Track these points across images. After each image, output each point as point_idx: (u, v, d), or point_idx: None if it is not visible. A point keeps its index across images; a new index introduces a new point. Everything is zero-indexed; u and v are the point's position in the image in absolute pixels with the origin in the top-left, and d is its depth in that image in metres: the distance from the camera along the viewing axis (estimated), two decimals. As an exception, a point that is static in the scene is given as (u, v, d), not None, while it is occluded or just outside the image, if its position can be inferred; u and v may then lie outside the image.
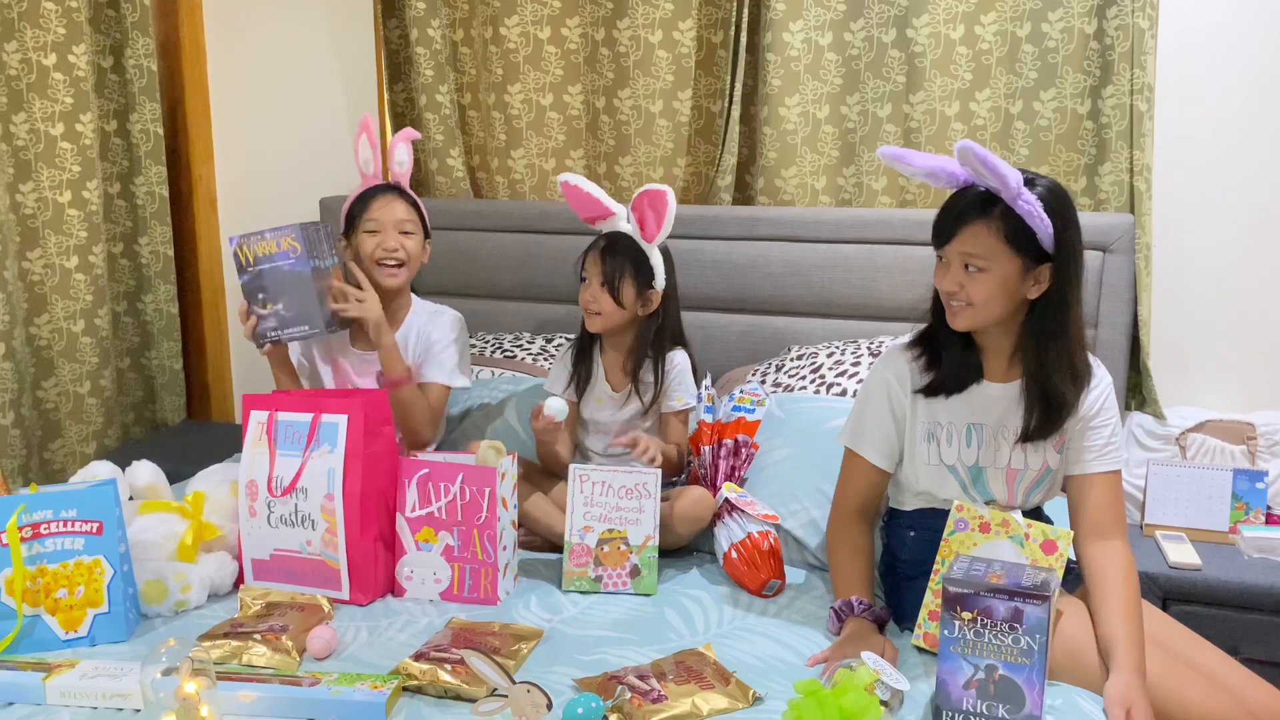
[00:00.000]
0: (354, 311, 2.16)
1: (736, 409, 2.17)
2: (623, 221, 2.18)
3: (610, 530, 1.96)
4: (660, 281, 2.17)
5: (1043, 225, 1.62)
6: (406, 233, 2.24)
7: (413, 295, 2.37)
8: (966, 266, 1.67)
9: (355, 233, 2.25)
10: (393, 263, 2.23)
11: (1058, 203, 1.65)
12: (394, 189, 2.28)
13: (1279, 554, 2.27)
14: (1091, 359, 1.77)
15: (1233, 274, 2.53)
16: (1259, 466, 2.42)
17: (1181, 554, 2.25)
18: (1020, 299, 1.69)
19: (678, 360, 2.21)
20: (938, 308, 1.77)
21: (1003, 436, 1.77)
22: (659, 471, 2.01)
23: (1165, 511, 2.40)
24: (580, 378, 2.23)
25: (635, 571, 1.96)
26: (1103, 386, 1.77)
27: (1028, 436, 1.74)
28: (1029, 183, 1.64)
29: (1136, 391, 2.53)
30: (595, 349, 2.25)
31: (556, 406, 2.01)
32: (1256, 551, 2.28)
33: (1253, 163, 2.48)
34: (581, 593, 1.95)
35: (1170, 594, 2.21)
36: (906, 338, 1.85)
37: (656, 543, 1.97)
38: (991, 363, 1.77)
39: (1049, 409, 1.71)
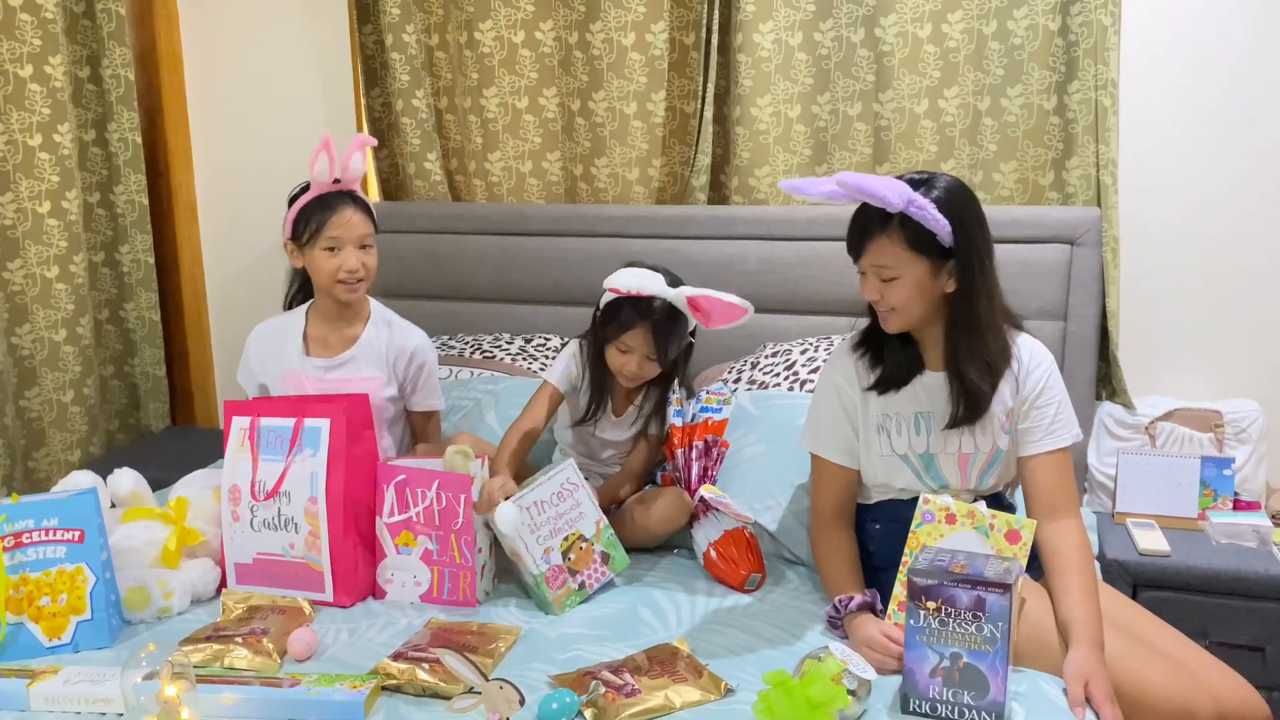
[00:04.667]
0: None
1: (704, 409, 2.19)
2: (667, 289, 2.08)
3: (565, 538, 1.95)
4: (692, 325, 2.17)
5: (939, 226, 1.67)
6: (366, 247, 2.14)
7: (369, 299, 2.29)
8: (879, 279, 1.72)
9: (312, 246, 2.11)
10: (354, 281, 2.14)
11: (953, 202, 1.70)
12: (352, 199, 2.14)
13: (1246, 539, 2.31)
14: (1026, 340, 1.83)
15: (1199, 264, 2.57)
16: (1226, 454, 2.46)
17: (1150, 541, 2.29)
18: (940, 295, 1.75)
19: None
20: (874, 309, 1.82)
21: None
22: (570, 460, 2.02)
23: (1135, 499, 2.44)
24: (594, 408, 2.20)
25: (605, 558, 1.98)
26: (1044, 367, 1.82)
27: (955, 423, 1.79)
28: (925, 184, 1.69)
29: (1106, 382, 2.57)
30: (608, 383, 2.20)
31: (508, 518, 1.90)
32: (1224, 537, 2.33)
33: (1216, 154, 2.52)
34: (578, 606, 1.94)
35: (1140, 580, 2.25)
36: (850, 338, 1.89)
37: (607, 521, 2.00)
38: (929, 353, 1.82)
39: (968, 397, 1.77)
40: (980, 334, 1.75)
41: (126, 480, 1.97)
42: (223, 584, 1.97)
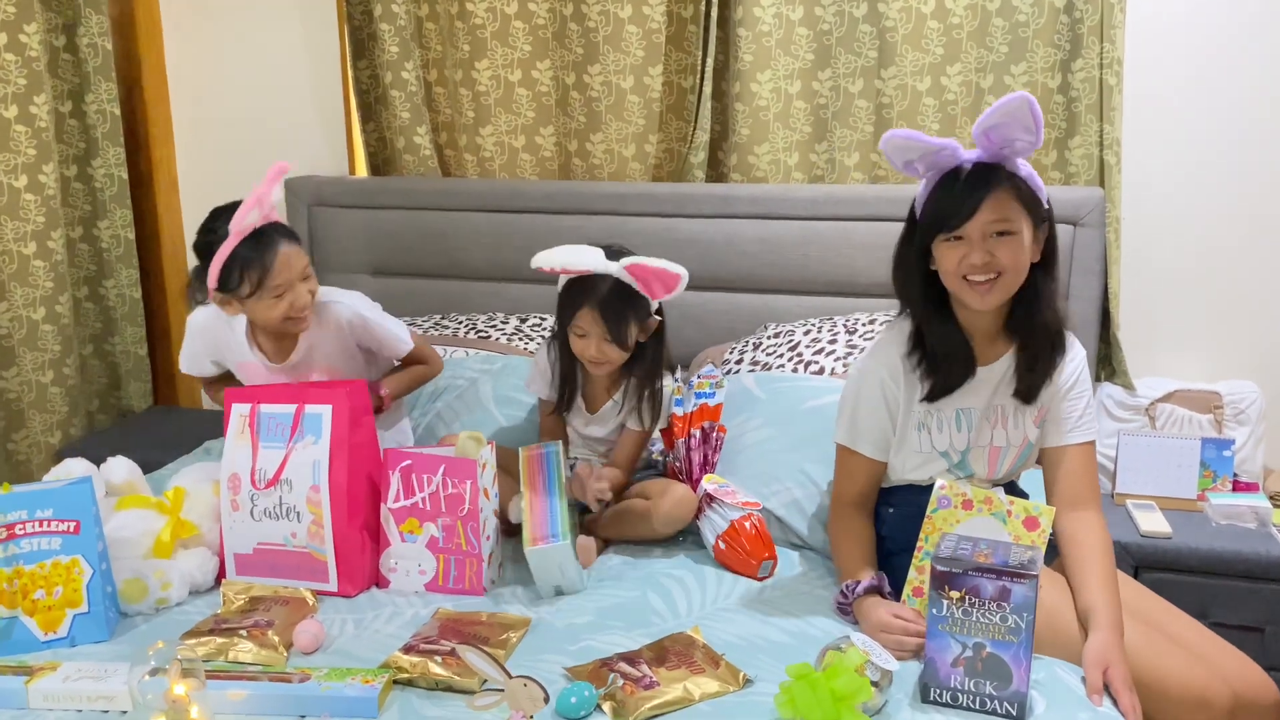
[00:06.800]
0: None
1: (698, 395, 2.13)
2: (602, 263, 2.02)
3: None
4: (655, 305, 2.09)
5: (1041, 188, 1.67)
6: (306, 277, 2.01)
7: None
8: (994, 235, 1.66)
9: (258, 298, 1.96)
10: (306, 315, 2.03)
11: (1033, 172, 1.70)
12: (281, 234, 1.97)
13: (1245, 520, 2.32)
14: (1066, 333, 1.80)
15: (1200, 246, 2.57)
16: (1226, 435, 2.47)
17: (1152, 523, 2.29)
18: (1028, 266, 1.70)
19: (664, 390, 2.15)
20: (930, 302, 1.75)
21: (987, 418, 1.79)
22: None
23: (1135, 481, 2.44)
24: (565, 399, 2.16)
25: None
26: (1079, 360, 1.81)
27: (1029, 396, 1.77)
28: None
29: (1107, 363, 2.57)
30: (577, 372, 2.16)
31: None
32: (1223, 519, 2.33)
33: (1219, 135, 2.51)
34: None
35: (1142, 562, 2.26)
36: (892, 333, 1.82)
37: None
38: (977, 347, 1.78)
39: (1040, 364, 1.75)
40: (1055, 305, 1.74)
41: (121, 469, 1.91)
42: (220, 574, 1.93)
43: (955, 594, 1.50)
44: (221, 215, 1.98)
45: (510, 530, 2.11)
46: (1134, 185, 2.55)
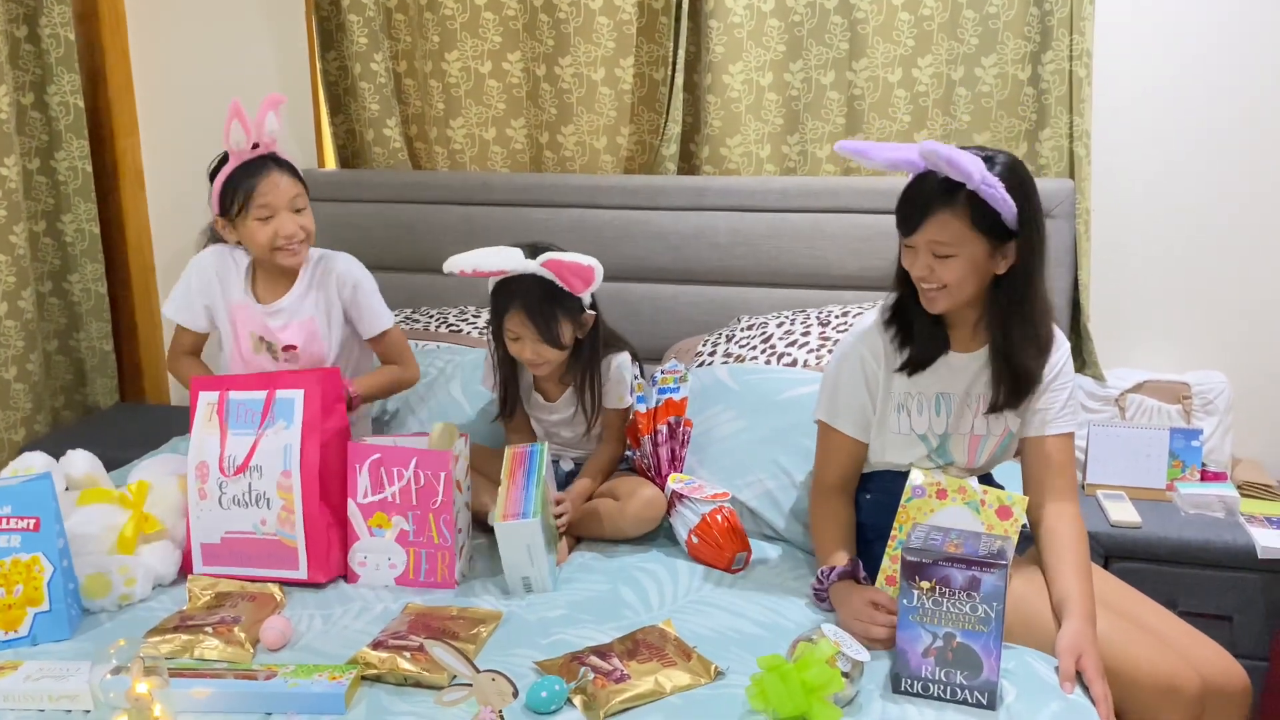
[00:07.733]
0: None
1: (662, 391, 2.13)
2: (518, 262, 1.98)
3: None
4: (588, 299, 2.06)
5: (1007, 207, 1.63)
6: (299, 210, 2.06)
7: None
8: (935, 253, 1.66)
9: (244, 217, 2.03)
10: (294, 245, 2.06)
11: (1018, 180, 1.65)
12: (274, 161, 2.05)
13: (1213, 510, 2.33)
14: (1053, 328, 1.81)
15: (1169, 237, 2.58)
16: (1194, 425, 2.48)
17: (1122, 513, 2.30)
18: (989, 275, 1.70)
19: (614, 365, 2.12)
20: (905, 283, 1.76)
21: (968, 404, 1.80)
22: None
23: (1105, 471, 2.45)
24: (511, 394, 2.16)
25: None
26: (1061, 352, 1.81)
27: (996, 408, 1.77)
28: (988, 161, 1.64)
29: (1077, 354, 2.57)
30: (519, 374, 2.15)
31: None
32: (1192, 508, 2.35)
33: (1189, 127, 2.53)
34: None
35: (1112, 552, 2.26)
36: (876, 313, 1.83)
37: None
38: (957, 334, 1.79)
39: (1016, 381, 1.74)
40: (1033, 315, 1.72)
41: (81, 462, 1.88)
42: (185, 567, 1.90)
43: (926, 584, 1.50)
44: None
45: (487, 532, 2.09)
46: (1104, 177, 2.56)
